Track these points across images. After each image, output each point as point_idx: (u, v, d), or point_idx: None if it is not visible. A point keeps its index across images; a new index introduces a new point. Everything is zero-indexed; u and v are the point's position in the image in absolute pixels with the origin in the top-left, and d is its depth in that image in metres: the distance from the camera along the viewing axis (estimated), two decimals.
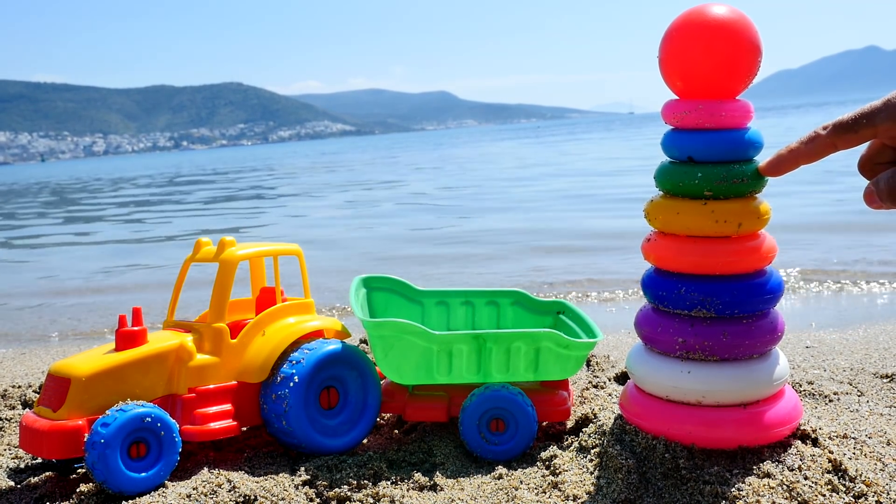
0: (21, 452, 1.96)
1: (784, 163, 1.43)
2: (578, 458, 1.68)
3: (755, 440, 1.56)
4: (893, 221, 6.18)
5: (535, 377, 1.85)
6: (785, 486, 1.46)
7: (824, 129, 1.34)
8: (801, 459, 1.53)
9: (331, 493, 1.60)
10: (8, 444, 2.03)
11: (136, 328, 1.75)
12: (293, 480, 1.66)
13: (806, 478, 1.49)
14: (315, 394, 1.82)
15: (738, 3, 1.66)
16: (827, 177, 10.16)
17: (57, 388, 1.67)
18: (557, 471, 1.64)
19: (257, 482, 1.64)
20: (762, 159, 1.60)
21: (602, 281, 4.82)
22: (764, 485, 1.46)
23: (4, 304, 5.38)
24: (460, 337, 1.80)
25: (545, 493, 1.58)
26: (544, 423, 1.93)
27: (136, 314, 1.78)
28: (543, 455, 1.74)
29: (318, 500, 1.61)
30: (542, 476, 1.66)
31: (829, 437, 1.64)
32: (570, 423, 1.89)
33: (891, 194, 1.23)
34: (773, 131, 24.14)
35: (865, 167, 1.33)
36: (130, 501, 1.59)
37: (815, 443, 1.61)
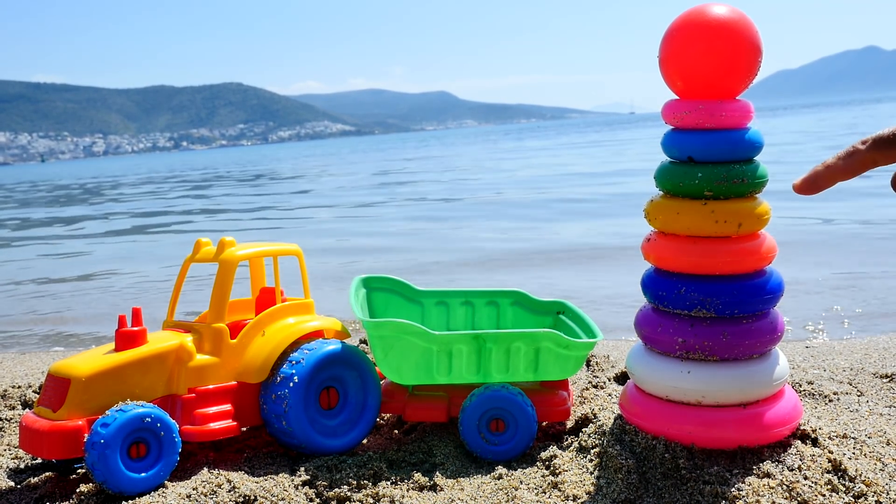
0: (21, 452, 1.96)
1: (820, 180, 1.32)
2: (578, 458, 1.68)
3: (755, 440, 1.55)
4: None
5: (535, 377, 1.85)
6: (785, 486, 1.46)
7: (863, 143, 1.26)
8: (801, 459, 1.53)
9: (331, 494, 1.60)
10: (8, 445, 2.03)
11: (135, 328, 1.75)
12: (293, 480, 1.66)
13: (806, 478, 1.48)
14: (315, 394, 1.82)
15: (738, 3, 1.66)
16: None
17: (57, 389, 1.67)
18: (557, 471, 1.64)
19: (257, 482, 1.64)
20: (762, 159, 1.59)
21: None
22: (764, 485, 1.46)
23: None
24: (460, 337, 1.80)
25: (545, 493, 1.58)
26: (544, 423, 1.93)
27: (136, 314, 1.78)
28: (543, 455, 1.73)
29: (317, 500, 1.61)
30: (542, 476, 1.66)
31: (829, 437, 1.64)
32: (570, 423, 1.89)
33: None
34: (773, 131, 24.10)
35: None
36: (130, 502, 1.59)
37: (815, 443, 1.61)
